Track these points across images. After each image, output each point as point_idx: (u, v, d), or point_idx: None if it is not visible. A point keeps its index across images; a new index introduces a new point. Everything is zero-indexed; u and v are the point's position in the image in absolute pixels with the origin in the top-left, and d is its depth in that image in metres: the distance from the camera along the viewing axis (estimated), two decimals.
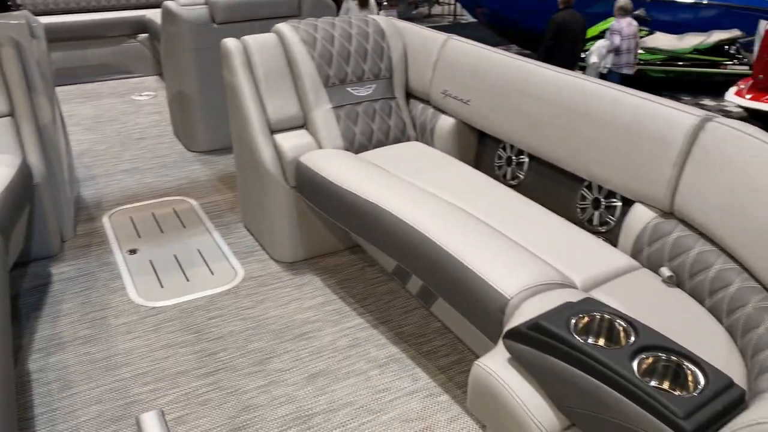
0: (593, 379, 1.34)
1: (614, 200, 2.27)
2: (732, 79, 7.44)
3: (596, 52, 7.06)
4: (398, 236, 2.18)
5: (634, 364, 1.34)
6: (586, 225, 2.37)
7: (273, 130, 2.83)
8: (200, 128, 4.09)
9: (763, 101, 6.77)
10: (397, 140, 2.98)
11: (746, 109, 6.78)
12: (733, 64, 7.94)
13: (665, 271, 1.93)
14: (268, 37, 2.89)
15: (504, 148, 2.75)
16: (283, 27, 2.89)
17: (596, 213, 2.33)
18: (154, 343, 2.46)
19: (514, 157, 2.69)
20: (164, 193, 3.65)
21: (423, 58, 2.99)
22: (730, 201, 1.78)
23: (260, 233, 3.07)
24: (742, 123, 1.91)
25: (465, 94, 2.77)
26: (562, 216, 2.47)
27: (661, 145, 2.00)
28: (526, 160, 2.65)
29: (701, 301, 1.85)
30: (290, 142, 2.78)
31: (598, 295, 1.89)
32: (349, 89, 2.90)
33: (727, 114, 7.21)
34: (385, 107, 2.96)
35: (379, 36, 2.99)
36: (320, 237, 2.97)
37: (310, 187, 2.64)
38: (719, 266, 1.81)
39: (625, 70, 7.02)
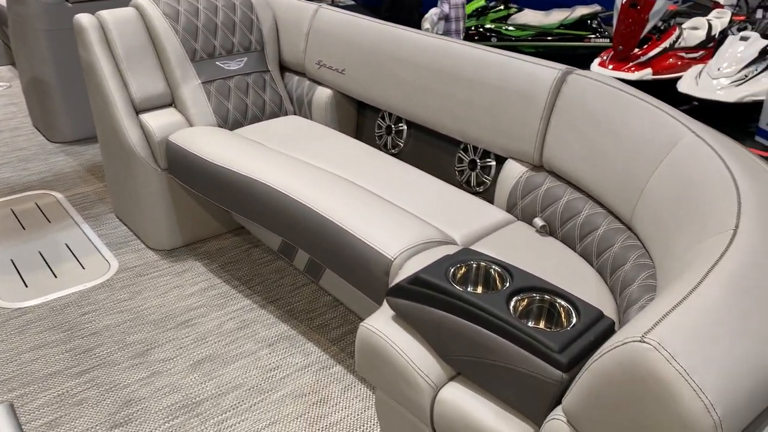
0: (473, 325, 1.36)
1: (489, 160, 2.33)
2: (595, 52, 7.90)
3: (429, 20, 7.36)
4: (278, 209, 2.13)
5: (510, 306, 1.37)
6: (465, 186, 2.42)
7: (139, 110, 2.68)
8: (62, 117, 3.81)
9: (624, 70, 7.22)
10: (274, 115, 2.91)
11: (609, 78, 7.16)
12: (596, 38, 8.43)
13: (538, 221, 2.01)
14: (126, 11, 2.72)
15: (383, 117, 2.75)
16: (143, 0, 2.74)
17: (473, 174, 2.38)
18: (20, 345, 2.26)
19: (393, 126, 2.70)
20: (25, 187, 3.37)
21: (295, 29, 2.94)
22: (593, 149, 1.87)
23: (134, 222, 2.90)
24: (599, 74, 2.01)
25: (339, 63, 2.74)
26: (442, 180, 2.51)
27: (527, 100, 2.07)
28: (405, 127, 2.66)
29: (573, 247, 1.93)
30: (158, 121, 2.64)
31: (477, 248, 1.94)
32: (218, 63, 2.80)
33: None
34: (258, 81, 2.88)
35: (247, 8, 2.89)
36: (200, 221, 2.85)
37: (182, 168, 2.53)
38: (587, 212, 1.90)
39: (454, 36, 7.35)
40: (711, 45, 7.15)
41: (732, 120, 6.20)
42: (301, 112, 2.97)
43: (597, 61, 7.43)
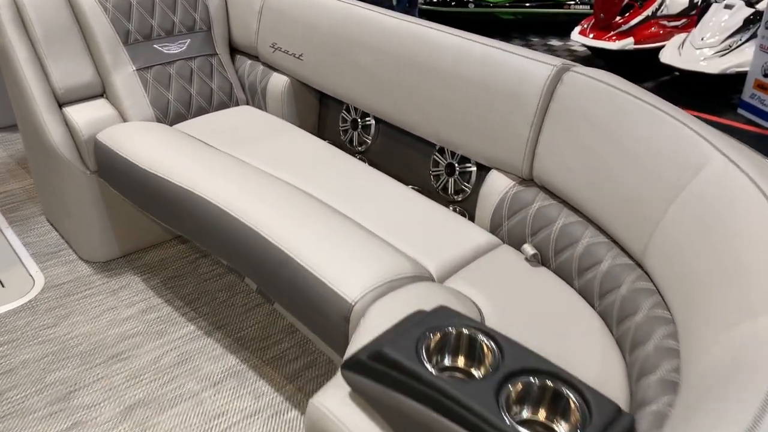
0: (453, 425, 1.03)
1: (469, 165, 1.97)
2: (576, 19, 7.54)
3: None
4: (220, 229, 1.76)
5: (503, 398, 1.04)
6: (441, 194, 2.07)
7: (62, 102, 2.26)
8: None
9: (605, 39, 6.86)
10: (223, 105, 2.51)
11: (590, 47, 6.87)
12: (576, 4, 8.06)
13: (528, 249, 1.67)
14: None
15: (348, 110, 2.37)
16: None
17: (451, 180, 2.03)
18: None
19: (359, 120, 2.32)
20: None
21: (246, 5, 2.50)
22: (594, 165, 1.53)
23: (65, 228, 2.50)
24: (603, 72, 1.65)
25: (296, 47, 2.34)
26: (415, 184, 2.15)
27: (515, 101, 1.71)
28: (373, 122, 2.29)
29: (569, 281, 1.60)
30: (85, 115, 2.23)
31: (456, 283, 1.59)
32: (156, 46, 2.38)
33: (573, 53, 7.27)
34: (204, 66, 2.47)
35: None
36: (139, 227, 2.46)
37: (112, 172, 2.13)
38: (587, 241, 1.56)
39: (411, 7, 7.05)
40: (694, 13, 6.80)
41: (714, 91, 5.93)
42: (255, 101, 2.57)
43: (577, 29, 7.07)
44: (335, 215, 1.73)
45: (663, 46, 6.40)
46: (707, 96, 5.99)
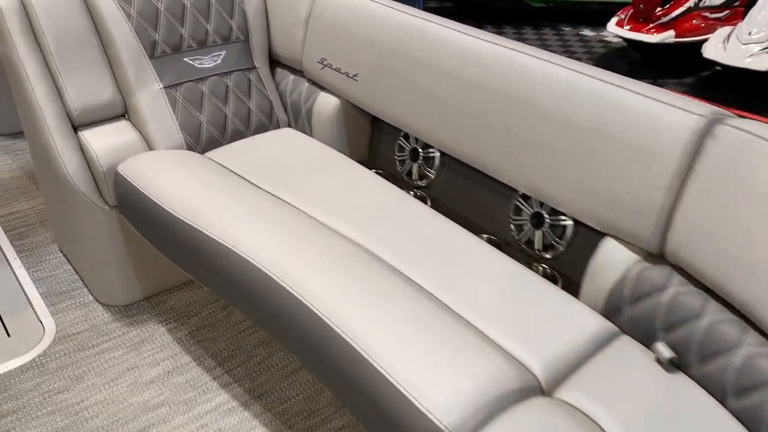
0: None
1: (563, 218, 1.61)
2: (609, 8, 7.12)
3: None
4: (262, 298, 1.41)
5: None
6: (524, 248, 1.70)
7: (78, 125, 1.90)
8: (2, 104, 3.01)
9: (643, 32, 6.43)
10: (263, 127, 2.12)
11: (627, 40, 6.45)
12: None
13: (664, 351, 1.29)
14: None
15: (407, 138, 1.99)
16: None
17: (538, 233, 1.66)
18: None
19: (420, 150, 1.95)
20: None
21: (290, 12, 2.10)
22: (753, 245, 1.16)
23: (79, 264, 2.14)
24: (762, 126, 1.27)
25: (351, 65, 1.94)
26: (490, 233, 1.79)
27: (643, 156, 1.33)
28: (437, 154, 1.92)
29: (722, 399, 1.24)
30: (103, 142, 1.87)
31: (571, 395, 1.23)
32: (187, 60, 2.01)
33: (607, 45, 6.85)
34: (241, 82, 2.10)
35: None
36: (164, 265, 2.09)
37: (134, 210, 1.77)
38: (749, 348, 1.20)
39: None
40: (738, 4, 6.33)
41: (760, 89, 5.51)
42: (298, 123, 2.19)
43: (614, 20, 6.62)
44: (409, 289, 1.37)
45: (705, 40, 5.97)
46: (752, 94, 5.58)
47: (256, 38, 2.13)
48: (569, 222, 1.59)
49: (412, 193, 1.97)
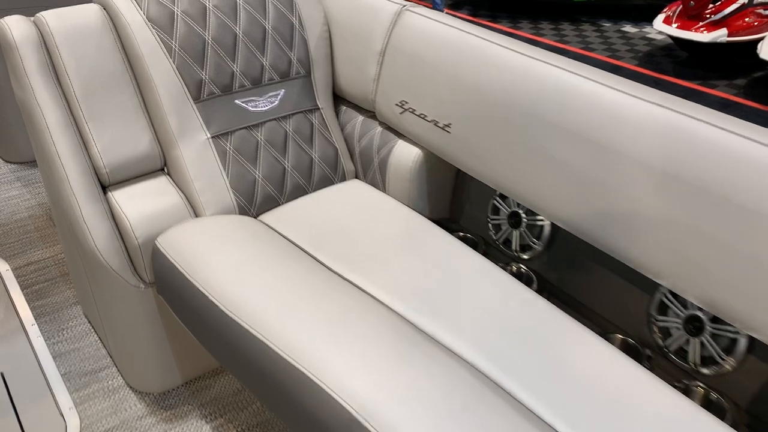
0: None
1: (729, 329, 1.22)
2: (653, 4, 6.69)
3: None
4: (327, 424, 1.05)
5: None
6: (677, 360, 1.31)
7: (108, 184, 1.55)
8: (18, 127, 2.64)
9: (694, 30, 5.96)
10: (327, 180, 1.72)
11: (675, 38, 6.00)
12: None
13: None
14: (85, 14, 1.51)
15: (503, 198, 1.61)
16: None
17: (695, 342, 1.28)
18: None
19: (524, 216, 1.56)
20: None
21: (361, 42, 1.68)
22: None
23: (106, 337, 1.76)
24: None
25: (441, 112, 1.52)
26: (624, 334, 1.40)
27: None
28: (547, 223, 1.53)
29: None
30: (139, 207, 1.49)
31: None
32: (239, 102, 1.62)
33: (651, 42, 6.41)
34: (302, 126, 1.68)
35: (285, 4, 1.72)
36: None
37: (175, 294, 1.37)
38: None
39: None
40: None
41: None
42: (368, 174, 1.78)
43: (661, 17, 6.15)
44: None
45: (759, 39, 5.52)
46: None
47: (320, 72, 1.73)
48: (743, 339, 1.20)
49: (511, 268, 1.58)
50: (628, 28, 7.15)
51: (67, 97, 1.46)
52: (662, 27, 5.98)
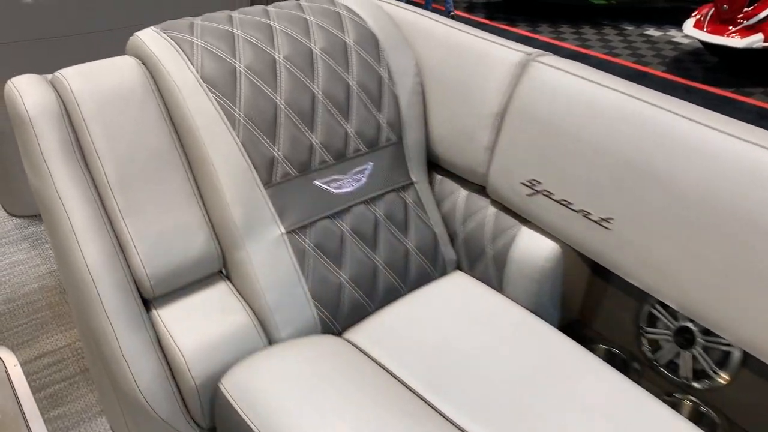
0: None
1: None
2: (678, 6, 6.38)
3: None
4: None
5: None
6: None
7: (152, 297, 1.17)
8: (25, 174, 2.24)
9: (727, 35, 5.61)
10: (425, 277, 1.32)
11: (705, 43, 5.67)
12: None
13: None
14: (119, 72, 1.09)
15: (665, 308, 1.23)
16: (153, 41, 1.15)
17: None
18: None
19: (699, 335, 1.18)
20: None
21: (467, 99, 1.28)
22: None
23: None
24: None
25: (596, 201, 1.12)
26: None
27: None
28: (736, 351, 1.15)
29: None
30: (196, 334, 1.08)
31: None
32: (319, 184, 1.22)
33: (677, 47, 6.09)
34: (395, 209, 1.28)
35: (370, 49, 1.28)
36: None
37: None
38: None
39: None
40: None
41: None
42: (476, 266, 1.36)
43: (690, 21, 5.80)
44: None
45: None
46: None
47: (412, 137, 1.34)
48: None
49: (677, 400, 1.21)
50: (652, 32, 6.80)
51: (98, 186, 1.07)
52: (692, 32, 5.64)
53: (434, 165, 1.43)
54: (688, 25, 5.85)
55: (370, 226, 1.25)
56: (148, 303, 1.13)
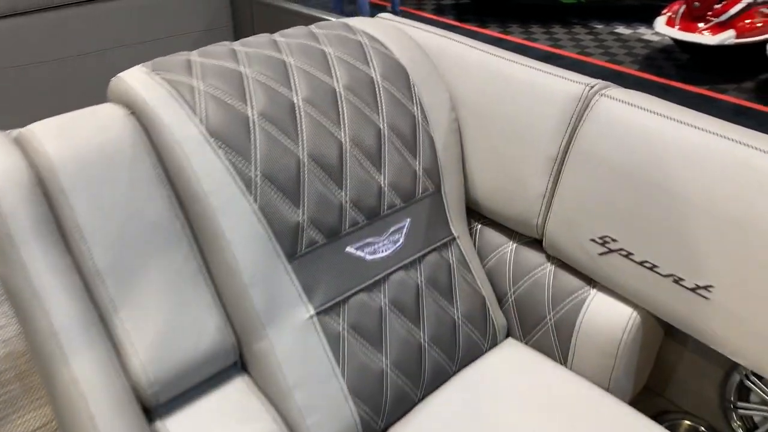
0: None
1: None
2: (648, 4, 6.39)
3: None
4: None
5: None
6: None
7: (155, 405, 0.94)
8: None
9: (699, 32, 5.58)
10: (475, 349, 1.11)
11: (677, 41, 5.66)
12: None
13: None
14: (104, 126, 0.85)
15: (759, 377, 1.06)
16: (143, 85, 0.92)
17: None
18: None
19: None
20: None
21: (517, 139, 1.08)
22: None
23: None
24: None
25: (689, 264, 0.92)
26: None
27: None
28: None
29: None
30: None
31: None
32: (352, 250, 0.98)
33: (647, 44, 6.07)
34: (439, 271, 1.07)
35: (399, 84, 1.06)
36: None
37: None
38: None
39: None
40: None
41: None
42: (531, 333, 1.15)
43: (662, 19, 5.77)
44: None
45: (766, 40, 5.25)
46: None
47: (450, 183, 1.13)
48: None
49: None
50: (622, 30, 6.76)
51: (84, 273, 0.84)
52: (664, 29, 5.61)
53: (473, 212, 1.23)
54: (660, 23, 5.81)
55: (412, 295, 1.04)
56: (150, 413, 0.90)
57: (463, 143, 1.15)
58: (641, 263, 0.97)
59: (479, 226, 1.23)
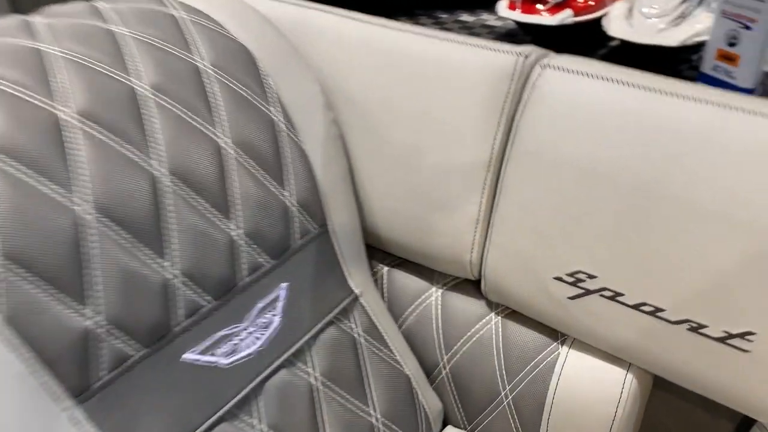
0: None
1: None
2: None
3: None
4: None
5: None
6: None
7: None
8: None
9: (539, 14, 5.64)
10: None
11: (519, 23, 5.71)
12: None
13: None
14: None
15: None
16: None
17: None
18: None
19: None
20: None
21: (426, 142, 0.67)
22: None
23: None
24: None
25: (711, 303, 0.53)
26: None
27: None
28: None
29: None
30: None
31: None
32: (191, 356, 0.60)
33: (492, 30, 6.06)
34: (340, 359, 0.61)
35: (242, 74, 0.62)
36: None
37: None
38: None
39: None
40: None
41: (662, 64, 5.03)
42: (478, 417, 0.79)
43: (504, 3, 5.79)
44: None
45: (602, 16, 5.37)
46: (654, 69, 5.18)
47: (341, 217, 0.75)
48: None
49: None
50: (466, 17, 6.73)
51: None
52: (507, 13, 5.59)
53: (376, 251, 0.85)
54: (502, 7, 5.79)
55: (305, 407, 0.64)
56: None
57: (350, 156, 0.77)
58: (636, 307, 0.65)
59: (386, 269, 0.85)
